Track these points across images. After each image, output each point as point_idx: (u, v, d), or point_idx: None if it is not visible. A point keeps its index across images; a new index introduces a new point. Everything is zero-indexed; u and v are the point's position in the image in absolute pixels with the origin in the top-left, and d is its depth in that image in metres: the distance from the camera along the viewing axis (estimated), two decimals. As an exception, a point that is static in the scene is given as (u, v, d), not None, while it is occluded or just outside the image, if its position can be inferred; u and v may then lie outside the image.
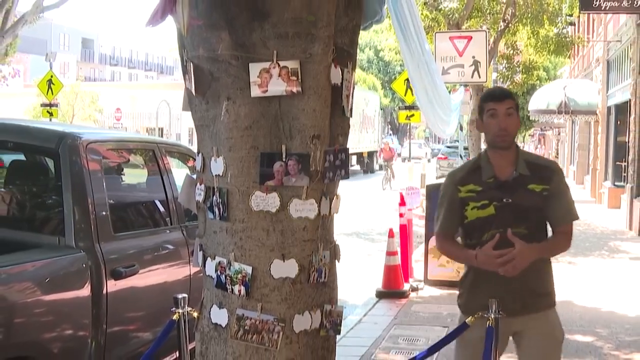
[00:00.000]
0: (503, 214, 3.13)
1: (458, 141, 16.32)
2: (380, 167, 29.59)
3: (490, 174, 3.18)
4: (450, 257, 3.56)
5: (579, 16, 24.36)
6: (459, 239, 3.39)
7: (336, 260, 3.01)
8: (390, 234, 8.32)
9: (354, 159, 35.59)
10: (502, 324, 3.16)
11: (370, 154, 37.29)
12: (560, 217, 3.23)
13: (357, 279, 9.02)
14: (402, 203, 9.06)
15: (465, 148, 17.13)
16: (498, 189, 3.16)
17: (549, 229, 3.32)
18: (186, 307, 3.64)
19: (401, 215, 9.06)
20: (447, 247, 3.36)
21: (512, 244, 3.03)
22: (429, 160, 41.81)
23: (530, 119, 34.23)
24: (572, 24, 25.04)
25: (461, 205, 3.23)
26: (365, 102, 37.69)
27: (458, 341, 3.33)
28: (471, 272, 3.30)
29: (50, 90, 20.04)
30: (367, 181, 28.26)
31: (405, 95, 15.67)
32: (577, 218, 3.27)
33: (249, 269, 2.72)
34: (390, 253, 8.21)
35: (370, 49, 61.50)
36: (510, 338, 3.34)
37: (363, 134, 36.36)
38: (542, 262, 3.19)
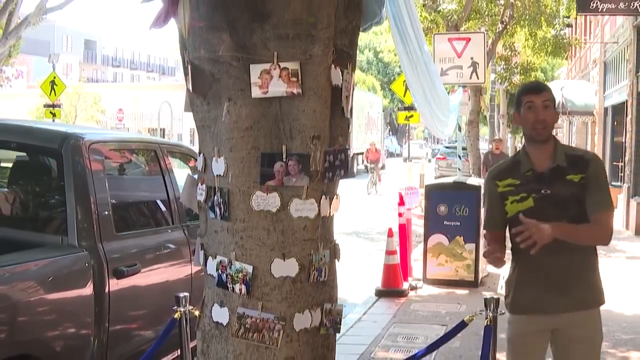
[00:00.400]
0: (542, 205, 3.09)
1: (457, 141, 16.35)
2: (382, 167, 29.40)
3: (528, 167, 3.16)
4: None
5: (576, 18, 24.37)
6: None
7: (336, 260, 3.01)
8: (390, 234, 8.32)
9: (360, 158, 36.19)
10: (544, 320, 3.15)
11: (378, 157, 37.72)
12: (591, 204, 3.10)
13: (356, 277, 9.02)
14: (401, 203, 9.06)
15: (464, 148, 17.15)
16: (536, 181, 3.13)
17: None
18: (187, 305, 3.65)
19: (400, 215, 9.06)
20: (486, 243, 3.33)
21: (555, 249, 2.97)
22: (429, 161, 41.92)
23: (528, 119, 34.08)
24: (569, 25, 25.09)
25: (501, 200, 3.21)
26: (370, 104, 39.33)
27: (509, 342, 3.27)
28: (515, 270, 3.26)
29: (53, 91, 20.04)
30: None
31: (404, 96, 15.70)
32: (608, 207, 3.15)
33: (249, 268, 2.72)
34: (389, 252, 8.21)
35: (369, 51, 61.55)
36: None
37: (368, 134, 37.91)
38: (585, 255, 3.14)
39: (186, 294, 3.73)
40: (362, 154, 35.83)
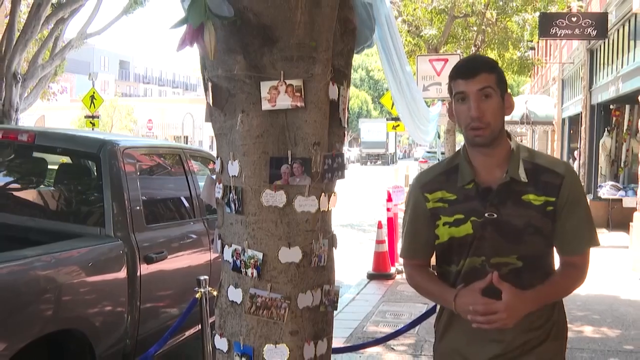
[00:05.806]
0: (485, 234, 1.96)
1: (436, 147, 16.38)
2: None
3: (469, 178, 2.00)
4: (421, 293, 2.29)
5: (538, 42, 24.37)
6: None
7: (334, 248, 3.01)
8: (379, 226, 8.34)
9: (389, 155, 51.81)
10: None
11: (394, 153, 54.50)
12: (567, 243, 1.99)
13: (351, 263, 9.03)
14: (389, 199, 9.07)
15: (443, 153, 17.16)
16: (479, 199, 1.98)
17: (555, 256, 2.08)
18: (207, 287, 3.65)
19: (388, 209, 9.08)
20: (415, 279, 2.21)
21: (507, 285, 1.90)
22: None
23: (497, 128, 34.13)
24: (532, 48, 25.06)
25: (431, 220, 2.07)
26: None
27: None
28: (446, 310, 2.19)
29: (92, 104, 20.04)
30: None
31: (391, 108, 15.67)
32: (594, 244, 2.00)
33: (260, 255, 2.72)
34: (379, 241, 8.23)
35: (362, 70, 61.64)
36: None
37: (391, 143, 52.72)
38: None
39: (206, 277, 3.74)
40: (390, 153, 52.32)
